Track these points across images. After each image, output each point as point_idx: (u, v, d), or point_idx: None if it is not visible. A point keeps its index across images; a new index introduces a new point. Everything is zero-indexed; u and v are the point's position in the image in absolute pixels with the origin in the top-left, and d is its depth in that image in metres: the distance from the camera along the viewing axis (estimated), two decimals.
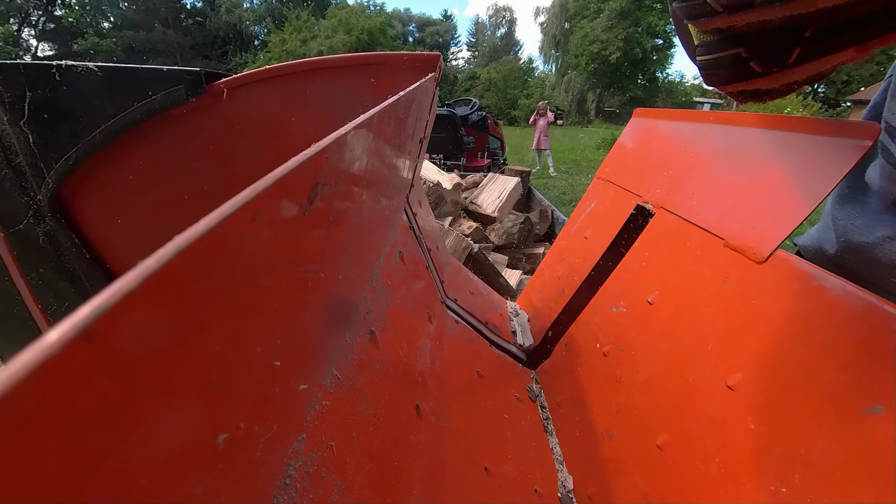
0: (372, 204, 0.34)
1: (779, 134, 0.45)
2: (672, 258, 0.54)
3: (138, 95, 0.44)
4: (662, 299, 0.53)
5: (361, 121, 0.24)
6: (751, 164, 0.47)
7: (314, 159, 0.18)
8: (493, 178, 2.92)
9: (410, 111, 0.42)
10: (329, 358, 0.30)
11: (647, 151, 0.81)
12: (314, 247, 0.21)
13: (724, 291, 0.43)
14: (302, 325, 0.21)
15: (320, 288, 0.23)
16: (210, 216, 0.12)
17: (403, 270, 0.58)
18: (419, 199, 0.86)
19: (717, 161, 0.54)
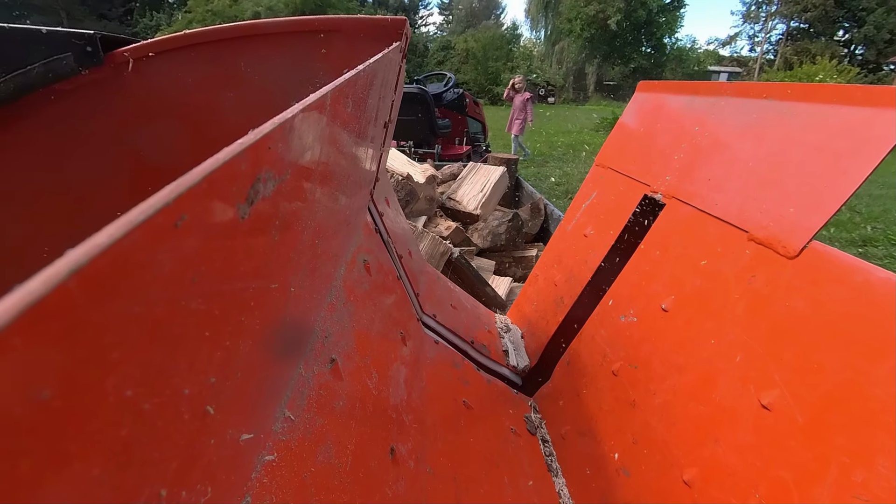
0: (328, 203, 0.33)
1: (809, 107, 0.46)
2: (688, 256, 0.55)
3: (8, 64, 0.41)
4: (678, 305, 0.54)
5: (312, 101, 0.23)
6: (777, 142, 0.49)
7: (253, 149, 0.17)
8: (475, 168, 2.93)
9: (372, 89, 0.42)
10: (279, 396, 0.29)
11: (654, 132, 0.83)
12: (256, 258, 0.20)
13: (751, 293, 0.44)
14: (242, 357, 0.20)
15: (265, 309, 0.22)
16: (116, 224, 0.11)
17: (369, 283, 0.57)
18: (386, 195, 0.85)
19: (736, 140, 0.56)
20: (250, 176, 0.18)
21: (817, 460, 0.31)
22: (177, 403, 0.15)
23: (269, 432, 0.27)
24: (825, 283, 0.37)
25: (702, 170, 0.60)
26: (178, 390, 0.15)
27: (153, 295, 0.13)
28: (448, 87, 5.40)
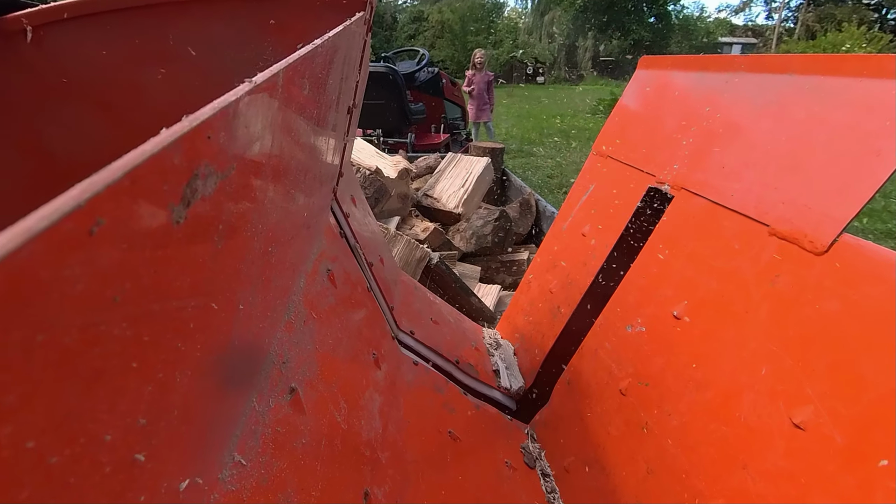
0: (283, 203, 0.33)
1: (836, 81, 0.47)
2: (701, 255, 0.56)
3: None
4: (692, 311, 0.55)
5: (260, 82, 0.23)
6: (799, 123, 0.50)
7: (189, 140, 0.17)
8: (455, 159, 2.94)
9: (332, 68, 0.41)
10: (226, 437, 0.28)
11: (658, 114, 0.84)
12: (196, 271, 0.20)
13: (775, 295, 0.45)
14: (180, 392, 0.19)
15: (208, 331, 0.22)
16: (11, 232, 0.11)
17: (335, 296, 0.57)
18: (352, 193, 0.85)
19: (753, 122, 0.57)
20: (186, 171, 0.17)
21: (860, 487, 0.32)
22: (95, 453, 0.14)
23: (214, 482, 0.26)
24: (859, 281, 0.38)
25: (714, 156, 0.61)
26: (96, 437, 0.14)
27: (62, 319, 0.12)
28: (421, 66, 5.41)
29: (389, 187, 2.16)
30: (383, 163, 2.31)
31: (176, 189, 0.17)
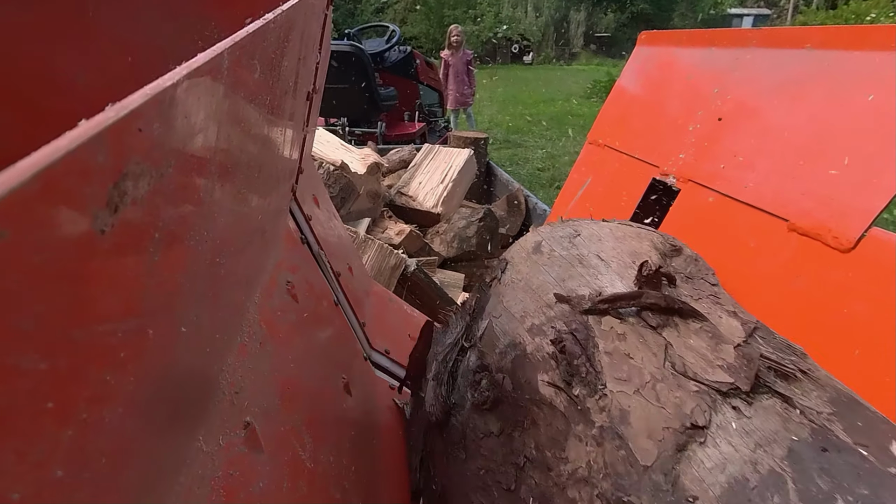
0: (232, 206, 0.32)
1: (861, 56, 0.48)
2: (712, 255, 0.56)
3: None
4: None
5: (202, 63, 0.22)
6: (820, 103, 0.51)
7: (115, 132, 0.16)
8: (432, 152, 2.95)
9: (288, 47, 0.41)
10: (169, 485, 0.28)
11: (661, 97, 0.85)
12: (127, 288, 0.19)
13: (797, 298, 0.46)
14: (108, 434, 0.19)
15: (142, 360, 0.21)
16: None
17: (296, 312, 0.56)
18: (314, 193, 0.84)
19: (768, 103, 0.58)
20: (112, 171, 0.17)
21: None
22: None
23: None
24: (891, 281, 0.38)
25: (725, 143, 0.62)
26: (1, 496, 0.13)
27: None
28: (391, 45, 5.41)
29: (357, 185, 2.15)
30: (350, 156, 2.31)
31: (100, 192, 0.16)
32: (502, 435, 0.41)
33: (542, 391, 0.39)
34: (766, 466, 0.28)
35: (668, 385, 0.34)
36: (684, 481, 0.29)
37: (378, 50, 5.25)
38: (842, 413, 0.31)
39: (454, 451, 0.46)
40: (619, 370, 0.36)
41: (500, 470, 0.40)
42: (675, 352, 0.36)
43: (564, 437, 0.36)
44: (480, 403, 0.44)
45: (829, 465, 0.27)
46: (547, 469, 0.36)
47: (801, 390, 0.33)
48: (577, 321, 0.40)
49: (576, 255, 0.48)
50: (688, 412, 0.32)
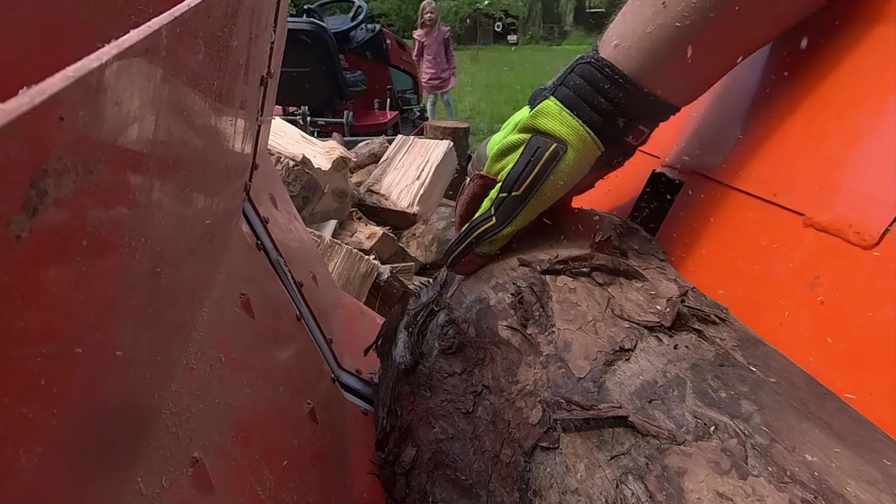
0: (174, 208, 0.32)
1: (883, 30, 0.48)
2: (720, 254, 0.57)
3: None
4: None
5: (135, 41, 0.22)
6: (839, 82, 0.51)
7: (31, 122, 0.16)
8: (406, 144, 2.95)
9: (237, 23, 0.40)
10: None
11: None
12: (48, 304, 0.18)
13: (815, 301, 0.46)
14: (24, 480, 0.18)
15: (68, 390, 0.20)
16: None
17: (252, 329, 0.55)
18: (271, 191, 0.84)
19: (778, 83, 0.58)
20: (29, 167, 0.16)
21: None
22: None
23: None
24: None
25: (731, 129, 0.63)
26: None
27: None
28: (358, 22, 5.39)
29: (321, 182, 2.14)
30: (312, 150, 2.30)
31: (15, 192, 0.16)
32: (464, 373, 0.52)
33: (501, 333, 0.50)
34: (673, 374, 0.39)
35: (607, 324, 0.46)
36: (608, 385, 0.41)
37: (342, 28, 5.22)
38: (745, 346, 0.43)
39: (420, 391, 0.56)
40: (568, 314, 0.48)
41: (460, 399, 0.50)
42: (617, 301, 0.48)
43: (517, 366, 0.47)
44: (446, 349, 0.54)
45: (723, 374, 0.39)
46: (500, 391, 0.47)
47: (716, 330, 0.45)
48: (535, 278, 0.53)
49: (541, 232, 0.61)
50: (619, 340, 0.43)
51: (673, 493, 0.32)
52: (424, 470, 0.51)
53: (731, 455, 0.32)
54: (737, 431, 0.34)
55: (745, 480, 0.31)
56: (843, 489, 0.29)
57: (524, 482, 0.40)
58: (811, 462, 0.31)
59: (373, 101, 5.49)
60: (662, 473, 0.33)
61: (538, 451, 0.40)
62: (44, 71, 0.17)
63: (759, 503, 0.29)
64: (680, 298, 0.46)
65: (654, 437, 0.35)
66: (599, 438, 0.38)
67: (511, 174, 0.57)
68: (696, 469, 0.32)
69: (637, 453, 0.35)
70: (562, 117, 0.54)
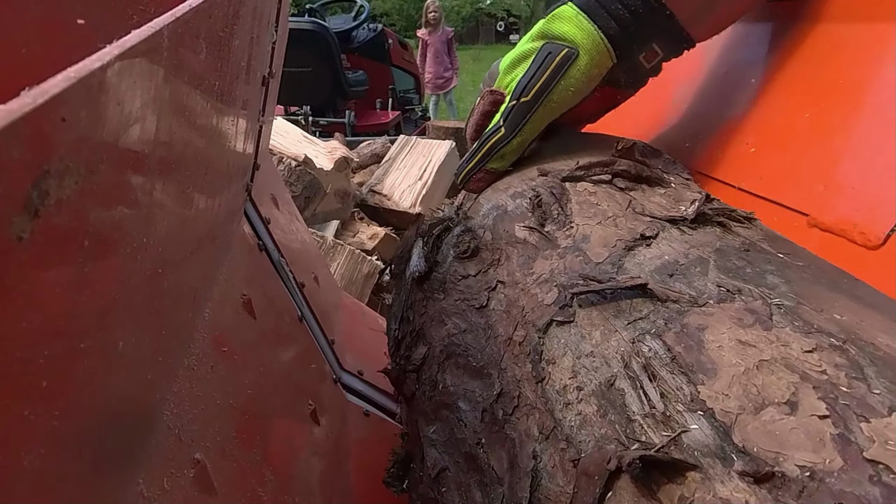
0: (176, 208, 0.32)
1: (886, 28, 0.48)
2: None
3: None
4: None
5: (137, 42, 0.22)
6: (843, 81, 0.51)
7: (34, 123, 0.16)
8: (408, 144, 2.95)
9: (239, 24, 0.40)
10: None
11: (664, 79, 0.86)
12: (50, 305, 0.18)
13: None
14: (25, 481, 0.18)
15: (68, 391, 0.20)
16: None
17: (254, 330, 0.56)
18: (272, 192, 0.84)
19: (783, 83, 0.58)
20: (31, 168, 0.16)
21: None
22: None
23: None
24: None
25: (735, 130, 0.63)
26: None
27: None
28: (360, 22, 5.38)
29: (323, 182, 2.14)
30: (314, 150, 2.30)
31: (17, 193, 0.16)
32: (479, 274, 0.50)
33: (517, 234, 0.49)
34: (696, 255, 0.38)
35: (628, 219, 0.44)
36: (627, 266, 0.39)
37: (344, 28, 5.21)
38: (772, 240, 0.41)
39: (434, 294, 0.54)
40: (587, 213, 0.46)
41: (474, 297, 0.48)
42: (638, 202, 0.46)
43: (533, 260, 0.45)
44: (461, 253, 0.52)
45: (748, 256, 0.37)
46: (515, 284, 0.45)
47: (741, 228, 0.43)
48: (554, 184, 0.51)
49: (561, 145, 0.61)
50: (639, 231, 0.42)
51: (692, 345, 0.31)
52: (436, 362, 0.49)
53: (755, 312, 0.31)
54: (761, 294, 0.32)
55: (769, 331, 0.29)
56: (875, 339, 0.28)
57: (537, 354, 0.39)
58: (840, 320, 0.30)
59: (375, 101, 5.48)
60: (682, 330, 0.32)
61: (553, 326, 0.39)
62: (46, 71, 0.17)
63: (784, 347, 0.28)
64: (705, 200, 0.45)
65: (674, 302, 0.34)
66: (617, 308, 0.36)
67: (521, 81, 0.56)
68: (718, 325, 0.31)
69: (656, 317, 0.34)
70: (578, 21, 0.54)
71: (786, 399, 0.26)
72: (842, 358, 0.27)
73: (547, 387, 0.37)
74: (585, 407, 0.33)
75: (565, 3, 0.55)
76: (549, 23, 0.55)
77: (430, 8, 6.35)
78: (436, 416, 0.47)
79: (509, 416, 0.38)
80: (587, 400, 0.33)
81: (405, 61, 5.91)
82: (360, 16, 5.44)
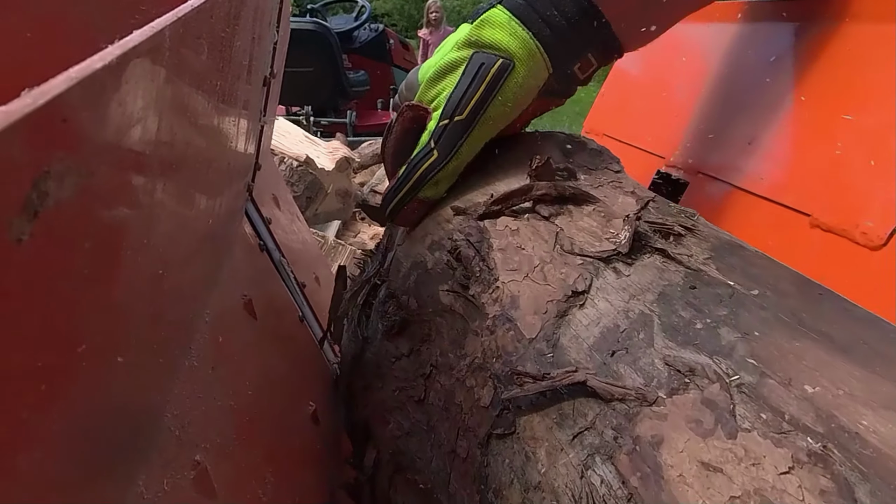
0: (177, 209, 0.32)
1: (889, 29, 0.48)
2: None
3: None
4: None
5: (138, 42, 0.22)
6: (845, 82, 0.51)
7: (34, 124, 0.15)
8: None
9: (240, 24, 0.40)
10: None
11: (665, 79, 0.86)
12: (49, 308, 0.18)
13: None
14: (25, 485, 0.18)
15: (68, 394, 0.20)
16: None
17: (255, 330, 0.55)
18: (273, 192, 0.83)
19: (786, 84, 0.58)
20: (31, 169, 0.16)
21: None
22: None
23: None
24: None
25: (737, 128, 0.62)
26: None
27: None
28: (361, 22, 5.38)
29: (325, 182, 2.14)
30: (315, 150, 2.30)
31: (16, 194, 0.16)
32: (412, 354, 0.47)
33: (443, 301, 0.45)
34: (637, 311, 0.34)
35: (556, 265, 0.40)
36: (563, 342, 0.35)
37: (346, 28, 5.20)
38: (719, 256, 0.36)
39: (372, 382, 0.51)
40: (511, 262, 0.42)
41: (411, 386, 0.45)
42: (566, 234, 0.42)
43: (463, 336, 0.42)
44: (389, 328, 0.49)
45: (696, 298, 0.33)
46: (450, 369, 0.42)
47: (682, 244, 0.38)
48: (472, 227, 0.46)
49: (476, 168, 0.53)
50: (571, 283, 0.38)
51: (649, 473, 0.27)
52: (385, 475, 0.47)
53: (715, 407, 0.27)
54: (718, 374, 0.28)
55: (734, 440, 0.26)
56: (858, 424, 0.24)
57: (482, 480, 0.36)
58: (813, 395, 0.26)
59: (376, 101, 5.47)
60: (634, 448, 0.28)
61: (493, 439, 0.36)
62: (46, 72, 0.17)
63: (756, 467, 0.24)
64: (636, 216, 0.40)
65: (619, 401, 0.30)
66: (559, 413, 0.33)
67: (453, 97, 0.50)
68: (675, 434, 0.27)
69: (603, 425, 0.30)
70: (511, 28, 0.49)
71: None
72: (826, 478, 0.23)
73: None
74: None
75: (494, 6, 0.50)
76: (479, 29, 0.50)
77: (431, 8, 6.34)
78: None
79: None
80: None
81: (406, 61, 5.90)
82: (362, 16, 5.43)
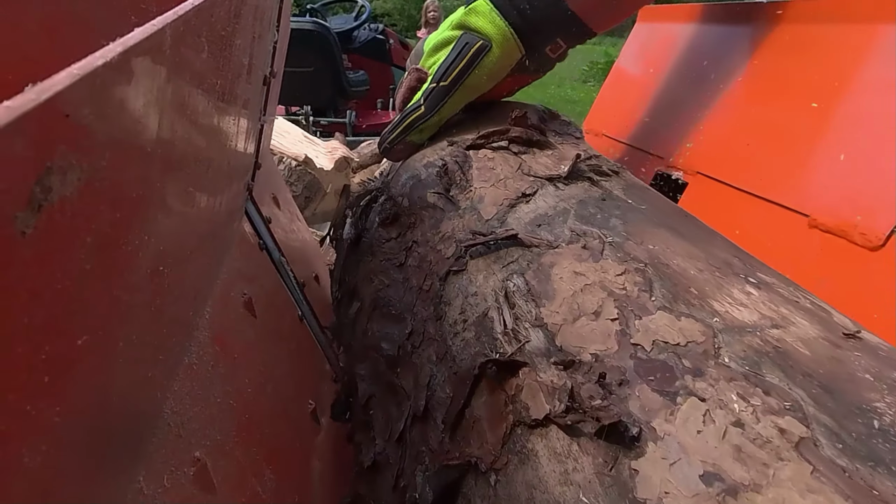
0: (178, 207, 0.32)
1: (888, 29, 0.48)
2: None
3: None
4: None
5: (139, 40, 0.22)
6: (844, 84, 0.51)
7: (37, 119, 0.16)
8: None
9: (240, 23, 0.40)
10: None
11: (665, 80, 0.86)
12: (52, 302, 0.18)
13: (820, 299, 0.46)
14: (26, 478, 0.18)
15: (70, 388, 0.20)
16: None
17: (255, 329, 0.55)
18: (273, 191, 0.83)
19: (784, 86, 0.58)
20: (34, 164, 0.16)
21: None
22: None
23: None
24: None
25: (737, 131, 0.63)
26: None
27: None
28: (361, 22, 5.36)
29: (324, 182, 2.13)
30: (315, 150, 2.29)
31: (20, 189, 0.16)
32: (399, 237, 0.57)
33: (429, 200, 0.56)
34: (561, 207, 0.46)
35: (515, 180, 0.52)
36: (509, 220, 0.47)
37: (346, 28, 5.18)
38: (628, 189, 0.49)
39: (364, 257, 0.62)
40: (484, 176, 0.54)
41: (394, 256, 0.56)
42: (527, 164, 0.54)
43: (440, 222, 0.53)
44: (384, 220, 0.60)
45: (603, 204, 0.45)
46: (426, 242, 0.52)
47: (606, 180, 0.51)
48: (459, 152, 0.59)
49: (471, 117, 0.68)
50: (522, 190, 0.50)
51: (543, 278, 0.39)
52: (365, 315, 0.56)
53: (591, 249, 0.40)
54: (599, 235, 0.41)
55: (596, 262, 0.38)
56: (670, 262, 0.37)
57: (438, 298, 0.46)
58: (651, 249, 0.38)
59: (376, 101, 5.44)
60: (538, 268, 0.41)
61: (451, 275, 0.47)
62: (49, 69, 0.17)
63: (604, 273, 0.37)
64: (577, 157, 0.53)
65: (536, 247, 0.43)
66: (496, 256, 0.44)
67: (441, 67, 0.64)
68: (563, 261, 0.40)
69: (523, 260, 0.42)
70: (491, 17, 0.61)
71: (594, 310, 0.35)
72: (640, 277, 0.36)
73: (443, 323, 0.45)
74: (468, 334, 0.41)
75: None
76: (467, 15, 0.62)
77: (429, 8, 6.30)
78: (365, 357, 0.54)
79: (416, 348, 0.46)
80: (469, 329, 0.41)
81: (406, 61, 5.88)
82: (362, 16, 5.40)
